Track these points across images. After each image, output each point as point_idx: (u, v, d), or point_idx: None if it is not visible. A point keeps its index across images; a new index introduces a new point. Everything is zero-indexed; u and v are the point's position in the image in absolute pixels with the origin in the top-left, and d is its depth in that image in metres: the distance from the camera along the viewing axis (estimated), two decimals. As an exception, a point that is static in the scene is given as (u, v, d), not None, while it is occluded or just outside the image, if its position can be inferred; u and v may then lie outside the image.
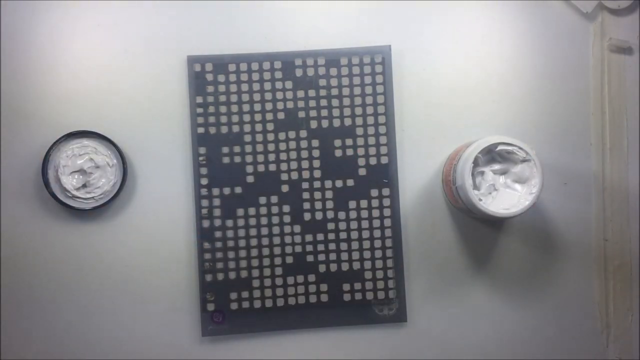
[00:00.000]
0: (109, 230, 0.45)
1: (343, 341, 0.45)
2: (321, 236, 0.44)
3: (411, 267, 0.45)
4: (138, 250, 0.44)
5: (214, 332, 0.44)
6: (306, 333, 0.45)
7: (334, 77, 0.45)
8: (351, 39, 0.45)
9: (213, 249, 0.44)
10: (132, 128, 0.45)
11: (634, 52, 0.46)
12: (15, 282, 0.44)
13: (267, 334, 0.45)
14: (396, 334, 0.45)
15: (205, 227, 0.44)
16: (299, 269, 0.44)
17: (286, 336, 0.45)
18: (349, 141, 0.45)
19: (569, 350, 0.46)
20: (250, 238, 0.44)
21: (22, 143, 0.44)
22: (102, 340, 0.44)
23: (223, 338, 0.45)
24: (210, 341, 0.45)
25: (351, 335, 0.45)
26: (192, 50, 0.45)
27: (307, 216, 0.44)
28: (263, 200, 0.44)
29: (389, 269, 0.45)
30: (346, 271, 0.44)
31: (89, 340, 0.44)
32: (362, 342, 0.45)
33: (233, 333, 0.44)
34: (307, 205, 0.44)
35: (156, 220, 0.45)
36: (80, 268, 0.44)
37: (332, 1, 0.46)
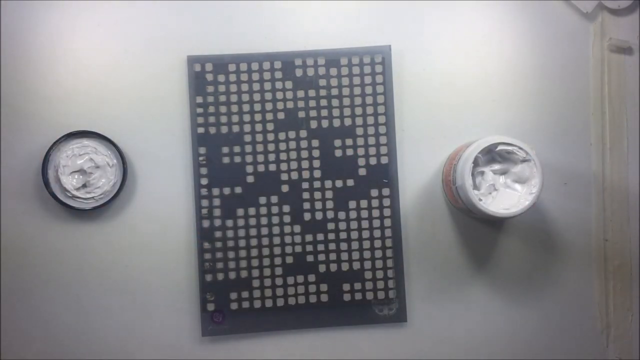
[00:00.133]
0: (109, 230, 0.45)
1: (343, 341, 0.45)
2: (321, 236, 0.44)
3: (411, 267, 0.45)
4: (138, 250, 0.44)
5: (214, 332, 0.44)
6: (306, 333, 0.45)
7: (334, 77, 0.45)
8: (351, 39, 0.45)
9: (213, 249, 0.44)
10: (132, 128, 0.45)
11: (634, 52, 0.46)
12: (15, 282, 0.44)
13: (267, 334, 0.45)
14: (396, 334, 0.45)
15: (205, 227, 0.44)
16: (299, 269, 0.44)
17: (286, 336, 0.45)
18: (349, 141, 0.45)
19: (569, 350, 0.46)
20: (250, 238, 0.44)
21: (22, 143, 0.44)
22: (102, 340, 0.44)
23: (223, 338, 0.45)
24: (210, 341, 0.45)
25: (351, 335, 0.45)
26: (192, 50, 0.45)
27: (307, 216, 0.44)
28: (263, 200, 0.44)
29: (389, 269, 0.45)
30: (346, 271, 0.44)
31: (89, 340, 0.44)
32: (362, 342, 0.45)
33: (233, 333, 0.44)
34: (307, 205, 0.44)
35: (156, 220, 0.45)
36: (80, 268, 0.44)
37: (332, 1, 0.46)
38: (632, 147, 0.46)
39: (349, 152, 0.45)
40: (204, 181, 0.44)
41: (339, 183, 0.45)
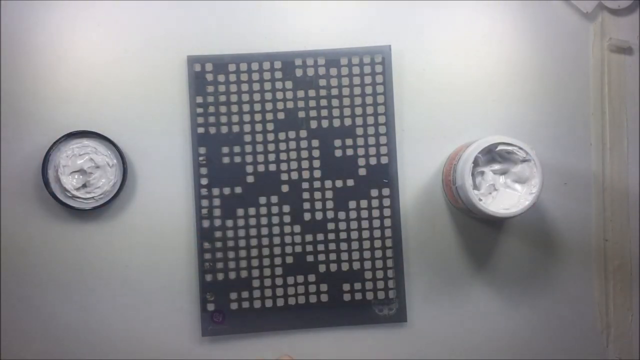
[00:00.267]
0: (109, 230, 0.45)
1: (343, 341, 0.45)
2: (321, 236, 0.44)
3: (411, 267, 0.45)
4: (138, 250, 0.44)
5: (214, 332, 0.44)
6: (306, 333, 0.45)
7: (334, 77, 0.45)
8: (351, 39, 0.45)
9: (213, 249, 0.44)
10: (132, 128, 0.45)
11: (634, 52, 0.46)
12: (15, 282, 0.44)
13: (267, 334, 0.45)
14: (396, 334, 0.45)
15: (205, 227, 0.44)
16: (299, 269, 0.44)
17: (286, 336, 0.45)
18: (349, 141, 0.45)
19: (569, 350, 0.46)
20: (250, 238, 0.44)
21: (22, 143, 0.44)
22: (102, 340, 0.44)
23: (223, 338, 0.45)
24: (210, 341, 0.45)
25: (351, 335, 0.45)
26: (192, 50, 0.45)
27: (307, 216, 0.44)
28: (263, 200, 0.44)
29: (389, 269, 0.45)
30: (346, 271, 0.44)
31: (89, 340, 0.44)
32: (362, 342, 0.45)
33: (233, 333, 0.44)
34: (307, 205, 0.44)
35: (156, 220, 0.45)
36: (80, 268, 0.44)
37: (332, 1, 0.46)
38: (632, 147, 0.46)
39: (349, 152, 0.45)
40: (204, 181, 0.44)
41: (339, 183, 0.45)
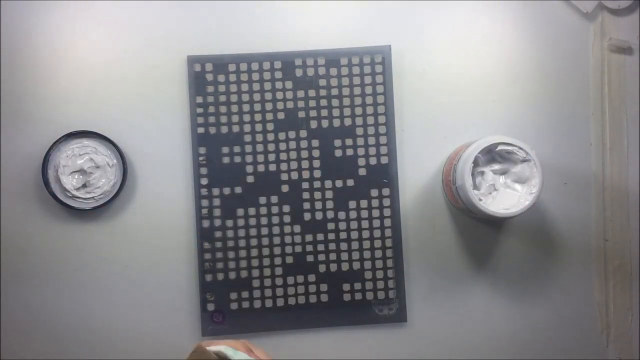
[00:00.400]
0: (109, 230, 0.45)
1: (343, 341, 0.45)
2: (321, 236, 0.44)
3: (411, 267, 0.45)
4: (138, 250, 0.44)
5: (214, 332, 0.44)
6: (306, 333, 0.45)
7: (334, 77, 0.45)
8: (351, 39, 0.45)
9: (213, 249, 0.44)
10: (132, 128, 0.45)
11: (634, 52, 0.46)
12: (15, 282, 0.44)
13: (267, 334, 0.45)
14: (396, 334, 0.45)
15: (205, 227, 0.44)
16: (299, 269, 0.44)
17: (286, 336, 0.45)
18: (349, 141, 0.45)
19: (569, 350, 0.46)
20: (250, 238, 0.44)
21: (22, 143, 0.44)
22: (102, 339, 0.44)
23: (223, 338, 0.45)
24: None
25: (351, 335, 0.45)
26: (192, 50, 0.45)
27: (307, 216, 0.44)
28: (263, 200, 0.44)
29: (389, 269, 0.45)
30: (346, 271, 0.44)
31: (89, 339, 0.44)
32: (362, 342, 0.45)
33: (233, 333, 0.44)
34: (307, 205, 0.44)
35: (156, 220, 0.45)
36: (80, 268, 0.44)
37: (332, 1, 0.46)
38: (632, 147, 0.46)
39: (349, 152, 0.45)
40: (204, 181, 0.44)
41: (339, 183, 0.45)
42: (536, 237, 0.46)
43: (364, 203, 0.45)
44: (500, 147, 0.40)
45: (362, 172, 0.45)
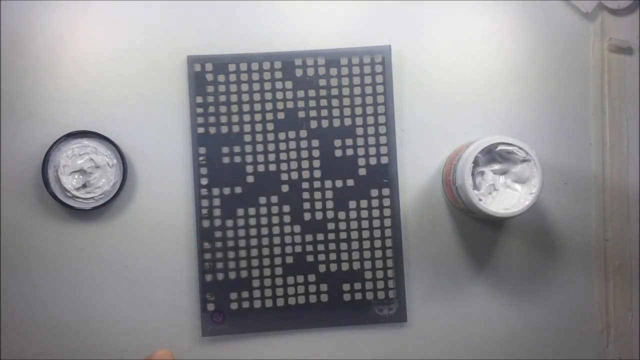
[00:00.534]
0: (109, 230, 0.45)
1: (343, 341, 0.45)
2: (321, 236, 0.44)
3: (411, 267, 0.45)
4: (138, 250, 0.44)
5: (214, 332, 0.44)
6: (306, 333, 0.45)
7: (334, 77, 0.45)
8: (351, 39, 0.45)
9: (213, 249, 0.44)
10: (132, 128, 0.45)
11: (634, 52, 0.46)
12: (15, 282, 0.44)
13: (267, 334, 0.45)
14: (396, 334, 0.45)
15: (205, 227, 0.44)
16: (299, 269, 0.44)
17: (286, 336, 0.45)
18: (349, 141, 0.45)
19: (569, 350, 0.46)
20: (250, 238, 0.44)
21: (22, 143, 0.44)
22: (102, 340, 0.44)
23: (223, 338, 0.45)
24: (210, 341, 0.45)
25: (351, 335, 0.45)
26: (192, 50, 0.45)
27: (307, 216, 0.44)
28: (263, 200, 0.44)
29: (389, 269, 0.45)
30: (346, 271, 0.44)
31: (89, 340, 0.44)
32: (362, 342, 0.45)
33: (233, 333, 0.44)
34: (307, 205, 0.44)
35: (156, 220, 0.45)
36: (80, 268, 0.44)
37: (332, 1, 0.46)
38: (632, 147, 0.46)
39: (349, 152, 0.45)
40: (204, 181, 0.44)
41: (339, 183, 0.45)
42: (536, 237, 0.46)
43: (364, 203, 0.45)
44: (500, 147, 0.40)
45: (362, 172, 0.45)
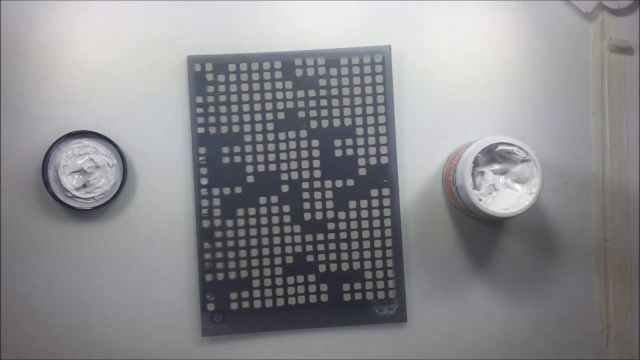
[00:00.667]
0: (109, 230, 0.45)
1: (343, 341, 0.45)
2: (321, 236, 0.44)
3: (411, 267, 0.45)
4: (138, 250, 0.44)
5: (214, 332, 0.44)
6: (306, 333, 0.45)
7: (334, 77, 0.45)
8: (351, 39, 0.45)
9: (213, 249, 0.44)
10: (132, 128, 0.45)
11: (634, 52, 0.46)
12: (15, 282, 0.44)
13: (267, 334, 0.45)
14: (396, 334, 0.45)
15: (205, 227, 0.44)
16: (299, 269, 0.44)
17: (286, 336, 0.45)
18: (349, 141, 0.45)
19: (569, 350, 0.46)
20: (250, 238, 0.44)
21: (22, 143, 0.44)
22: (102, 340, 0.44)
23: (223, 338, 0.45)
24: (210, 341, 0.45)
25: (351, 335, 0.45)
26: (192, 50, 0.45)
27: (307, 216, 0.44)
28: (263, 200, 0.44)
29: (389, 269, 0.45)
30: (346, 271, 0.44)
31: (89, 340, 0.44)
32: (362, 342, 0.45)
33: (233, 333, 0.44)
34: (307, 205, 0.44)
35: (156, 220, 0.45)
36: (80, 268, 0.44)
37: (332, 1, 0.46)
38: (632, 147, 0.46)
39: (349, 152, 0.45)
40: (204, 181, 0.44)
41: (339, 183, 0.45)
42: (536, 237, 0.46)
43: (364, 203, 0.45)
44: (500, 147, 0.40)
45: (362, 172, 0.45)
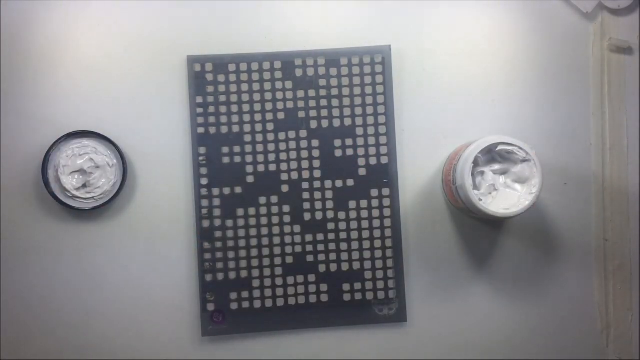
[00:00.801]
0: (109, 230, 0.45)
1: (343, 341, 0.45)
2: (321, 236, 0.44)
3: (411, 267, 0.45)
4: (138, 250, 0.44)
5: (214, 332, 0.44)
6: (306, 333, 0.45)
7: (334, 77, 0.45)
8: (351, 39, 0.45)
9: (213, 249, 0.44)
10: (132, 128, 0.45)
11: (634, 52, 0.46)
12: (15, 282, 0.44)
13: (267, 334, 0.45)
14: (396, 334, 0.45)
15: (205, 227, 0.44)
16: (299, 269, 0.44)
17: (286, 336, 0.45)
18: (349, 141, 0.45)
19: (569, 350, 0.46)
20: (250, 238, 0.44)
21: (22, 143, 0.44)
22: (102, 340, 0.44)
23: (223, 338, 0.45)
24: (210, 341, 0.45)
25: (351, 335, 0.45)
26: (192, 50, 0.45)
27: (307, 216, 0.44)
28: (263, 200, 0.44)
29: (389, 269, 0.45)
30: (346, 271, 0.44)
31: (89, 340, 0.44)
32: (362, 342, 0.45)
33: (233, 333, 0.44)
34: (307, 205, 0.44)
35: (156, 220, 0.45)
36: (80, 268, 0.44)
37: (332, 1, 0.46)
38: (632, 147, 0.46)
39: (349, 152, 0.45)
40: (204, 181, 0.44)
41: (339, 183, 0.45)
42: (536, 237, 0.46)
43: (364, 203, 0.45)
44: (500, 147, 0.40)
45: (362, 172, 0.45)
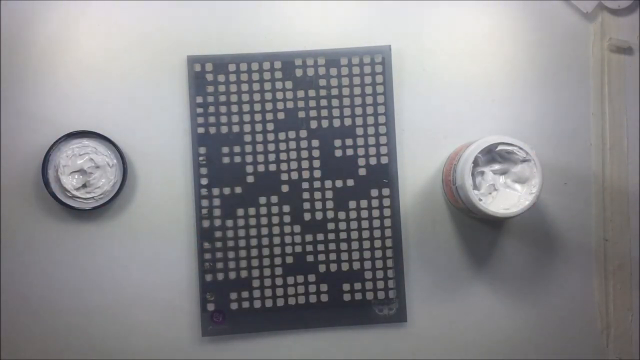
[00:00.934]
0: (109, 230, 0.45)
1: (343, 341, 0.45)
2: (321, 236, 0.44)
3: (411, 267, 0.45)
4: (138, 250, 0.44)
5: (214, 332, 0.44)
6: (306, 333, 0.45)
7: (334, 77, 0.45)
8: (351, 39, 0.45)
9: (213, 249, 0.44)
10: (132, 128, 0.45)
11: (634, 52, 0.46)
12: (15, 282, 0.44)
13: (267, 334, 0.45)
14: (396, 334, 0.45)
15: (205, 227, 0.44)
16: (299, 269, 0.44)
17: (286, 336, 0.45)
18: (349, 141, 0.45)
19: (569, 350, 0.46)
20: (250, 238, 0.44)
21: (22, 143, 0.44)
22: (102, 340, 0.44)
23: (223, 338, 0.45)
24: (210, 341, 0.45)
25: (351, 335, 0.45)
26: (192, 50, 0.45)
27: (307, 216, 0.44)
28: (263, 200, 0.44)
29: (389, 269, 0.45)
30: (346, 271, 0.44)
31: (89, 340, 0.44)
32: (362, 342, 0.45)
33: (233, 333, 0.44)
34: (307, 205, 0.44)
35: (156, 220, 0.45)
36: (80, 268, 0.44)
37: (332, 1, 0.46)
38: (632, 147, 0.46)
39: (349, 152, 0.45)
40: (204, 181, 0.44)
41: (339, 183, 0.45)
42: (536, 237, 0.46)
43: (364, 203, 0.45)
44: (500, 147, 0.40)
45: (362, 172, 0.45)
